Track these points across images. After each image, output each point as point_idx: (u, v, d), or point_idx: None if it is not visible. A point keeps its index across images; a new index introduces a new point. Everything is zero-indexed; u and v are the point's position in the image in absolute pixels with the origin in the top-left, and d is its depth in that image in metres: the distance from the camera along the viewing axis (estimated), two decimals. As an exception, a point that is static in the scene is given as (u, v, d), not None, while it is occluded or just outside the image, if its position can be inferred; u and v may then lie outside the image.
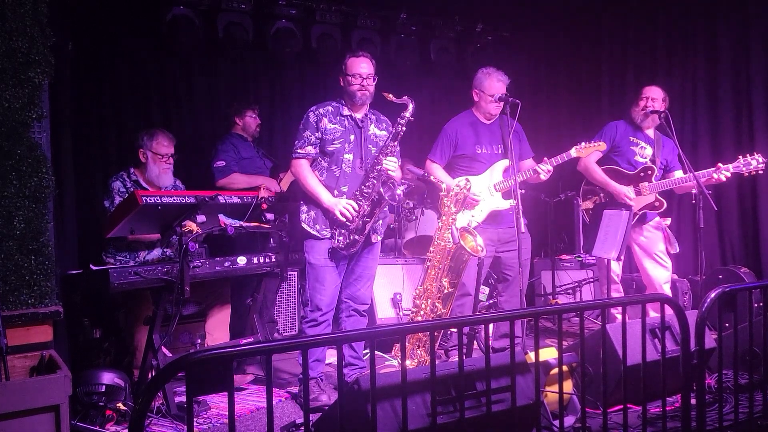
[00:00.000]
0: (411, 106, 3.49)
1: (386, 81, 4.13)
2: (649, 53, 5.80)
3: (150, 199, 3.26)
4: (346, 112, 3.56)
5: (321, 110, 3.54)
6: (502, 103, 4.03)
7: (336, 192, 3.51)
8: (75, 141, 4.21)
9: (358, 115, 3.58)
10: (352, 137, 3.55)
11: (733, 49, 5.24)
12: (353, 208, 3.45)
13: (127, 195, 3.61)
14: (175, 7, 5.02)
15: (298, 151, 3.53)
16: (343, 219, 3.44)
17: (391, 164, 3.48)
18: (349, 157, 3.53)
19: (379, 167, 3.48)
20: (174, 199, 3.36)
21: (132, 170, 3.90)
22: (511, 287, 4.11)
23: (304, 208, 3.56)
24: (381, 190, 3.44)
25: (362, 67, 3.53)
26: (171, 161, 3.93)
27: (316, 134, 3.51)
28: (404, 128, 3.49)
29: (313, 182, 3.51)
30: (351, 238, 3.48)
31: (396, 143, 3.52)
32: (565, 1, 6.05)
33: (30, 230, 2.84)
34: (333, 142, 3.51)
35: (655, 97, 4.38)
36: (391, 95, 3.52)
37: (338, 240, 3.49)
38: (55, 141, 3.12)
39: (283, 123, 5.80)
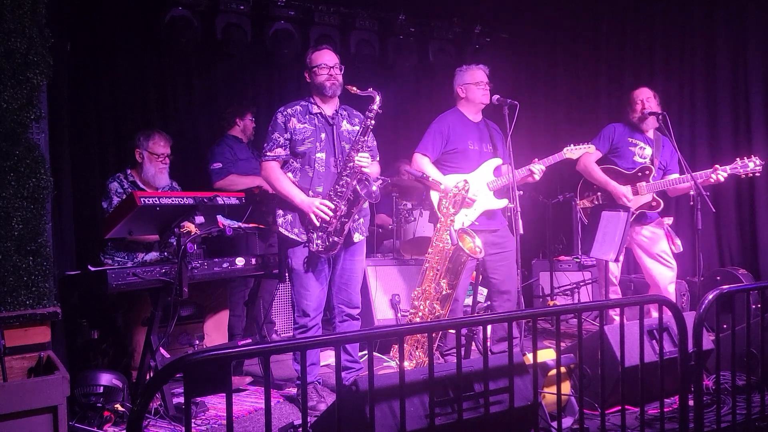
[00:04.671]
0: (378, 98, 3.39)
1: (384, 82, 4.14)
2: (647, 55, 5.81)
3: (148, 200, 3.26)
4: (315, 110, 3.50)
5: (289, 110, 3.49)
6: (489, 88, 4.03)
7: (311, 193, 3.44)
8: (73, 142, 4.21)
9: (329, 112, 3.52)
10: (323, 135, 3.48)
11: (731, 51, 5.25)
12: (328, 208, 3.38)
13: (124, 196, 3.61)
14: (173, 8, 5.02)
15: (267, 153, 3.46)
16: (317, 221, 3.37)
17: (364, 160, 3.39)
18: (321, 156, 3.46)
19: (351, 164, 3.40)
20: (172, 200, 3.36)
21: (129, 171, 3.90)
22: (502, 291, 4.07)
23: (280, 212, 3.48)
24: (357, 187, 3.37)
25: (327, 57, 3.49)
26: (167, 161, 3.94)
27: (285, 135, 3.45)
28: (373, 122, 3.41)
29: (285, 183, 3.44)
30: (330, 240, 3.40)
31: (366, 138, 3.43)
32: (563, 4, 6.06)
33: (28, 231, 2.84)
34: (303, 142, 3.44)
35: (648, 97, 4.38)
36: (355, 88, 3.43)
37: (316, 243, 3.41)
38: (53, 142, 3.12)
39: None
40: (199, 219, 3.41)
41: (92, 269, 3.25)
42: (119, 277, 3.17)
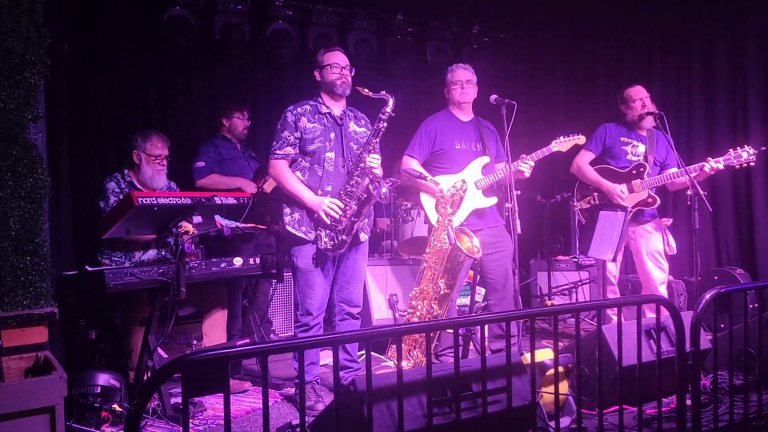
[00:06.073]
0: (392, 101, 3.43)
1: (383, 82, 4.15)
2: (646, 55, 5.81)
3: (146, 200, 3.26)
4: (324, 110, 3.53)
5: (299, 109, 3.51)
6: (471, 89, 4.08)
7: (320, 191, 3.46)
8: (72, 142, 4.20)
9: (337, 112, 3.55)
10: (332, 135, 3.51)
11: (731, 51, 5.25)
12: (338, 206, 3.40)
13: (122, 196, 3.60)
14: (171, 7, 5.01)
15: (277, 152, 3.48)
16: (328, 220, 3.39)
17: (375, 161, 3.44)
18: (330, 155, 3.49)
19: (362, 165, 3.43)
20: (170, 200, 3.36)
21: (126, 171, 3.89)
22: (499, 290, 4.07)
23: (288, 210, 3.49)
24: (369, 188, 3.40)
25: (339, 57, 3.53)
26: (165, 163, 3.93)
27: (295, 134, 3.46)
28: (386, 124, 3.44)
29: (294, 182, 3.45)
30: (339, 239, 3.43)
31: (378, 140, 3.47)
32: (562, 4, 6.06)
33: (25, 231, 2.84)
34: (313, 141, 3.46)
35: (646, 96, 4.38)
36: (367, 90, 3.46)
37: (325, 242, 3.43)
38: (51, 142, 3.12)
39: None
40: (197, 219, 3.41)
41: (90, 269, 3.25)
42: (117, 277, 3.17)
